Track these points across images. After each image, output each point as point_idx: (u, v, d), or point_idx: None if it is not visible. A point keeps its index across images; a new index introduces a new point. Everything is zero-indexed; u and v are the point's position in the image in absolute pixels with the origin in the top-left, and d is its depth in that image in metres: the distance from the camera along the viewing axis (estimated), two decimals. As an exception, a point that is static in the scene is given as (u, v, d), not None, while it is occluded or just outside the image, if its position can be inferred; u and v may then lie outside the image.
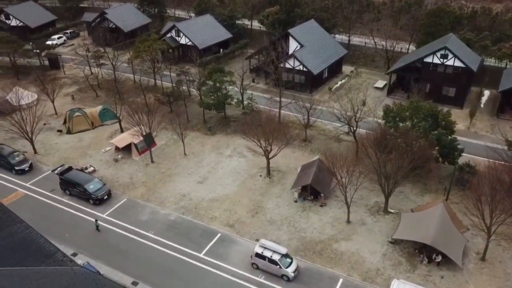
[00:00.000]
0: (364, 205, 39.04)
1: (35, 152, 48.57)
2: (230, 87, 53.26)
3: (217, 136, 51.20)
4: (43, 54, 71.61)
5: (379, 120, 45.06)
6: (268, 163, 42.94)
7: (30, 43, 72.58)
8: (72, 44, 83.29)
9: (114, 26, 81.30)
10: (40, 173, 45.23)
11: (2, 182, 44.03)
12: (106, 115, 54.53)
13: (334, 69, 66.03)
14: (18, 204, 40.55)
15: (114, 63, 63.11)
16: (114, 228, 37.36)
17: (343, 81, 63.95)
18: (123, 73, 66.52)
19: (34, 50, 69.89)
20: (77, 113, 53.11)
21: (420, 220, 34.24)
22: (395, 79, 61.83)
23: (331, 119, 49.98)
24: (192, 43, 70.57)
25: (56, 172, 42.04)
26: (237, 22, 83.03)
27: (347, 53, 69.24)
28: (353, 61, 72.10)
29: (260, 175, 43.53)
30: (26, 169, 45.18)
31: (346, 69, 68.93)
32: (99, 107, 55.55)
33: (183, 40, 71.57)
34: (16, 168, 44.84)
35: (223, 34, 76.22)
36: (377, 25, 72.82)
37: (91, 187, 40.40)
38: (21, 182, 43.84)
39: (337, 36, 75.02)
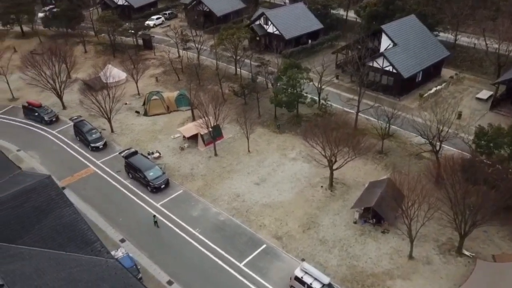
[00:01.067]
0: (434, 239, 33.66)
1: (112, 131, 50.83)
2: (307, 84, 49.92)
3: (285, 135, 48.52)
4: (138, 34, 74.81)
5: (470, 140, 38.40)
6: (332, 174, 39.32)
7: (127, 23, 76.31)
8: (169, 25, 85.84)
9: (208, 9, 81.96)
10: (112, 152, 47.06)
11: (79, 156, 46.84)
12: (182, 101, 55.03)
13: (431, 73, 58.39)
14: (86, 180, 42.89)
15: (199, 47, 63.38)
16: (164, 220, 37.31)
17: (439, 87, 56.31)
18: (206, 58, 66.76)
19: (130, 30, 73.28)
20: (154, 97, 54.37)
21: (500, 274, 28.30)
22: (504, 90, 52.69)
23: (416, 131, 44.18)
24: (279, 32, 67.92)
25: (122, 154, 43.32)
26: (332, 12, 78.08)
27: (450, 55, 60.74)
28: (457, 64, 63.20)
29: (322, 186, 40.13)
30: (100, 147, 47.48)
31: (447, 73, 60.56)
32: (176, 92, 56.26)
33: (270, 29, 69.24)
34: (92, 145, 47.31)
35: (314, 24, 72.09)
36: (493, 24, 62.59)
37: (151, 174, 40.87)
38: (94, 159, 46.16)
39: (441, 34, 66.32)
